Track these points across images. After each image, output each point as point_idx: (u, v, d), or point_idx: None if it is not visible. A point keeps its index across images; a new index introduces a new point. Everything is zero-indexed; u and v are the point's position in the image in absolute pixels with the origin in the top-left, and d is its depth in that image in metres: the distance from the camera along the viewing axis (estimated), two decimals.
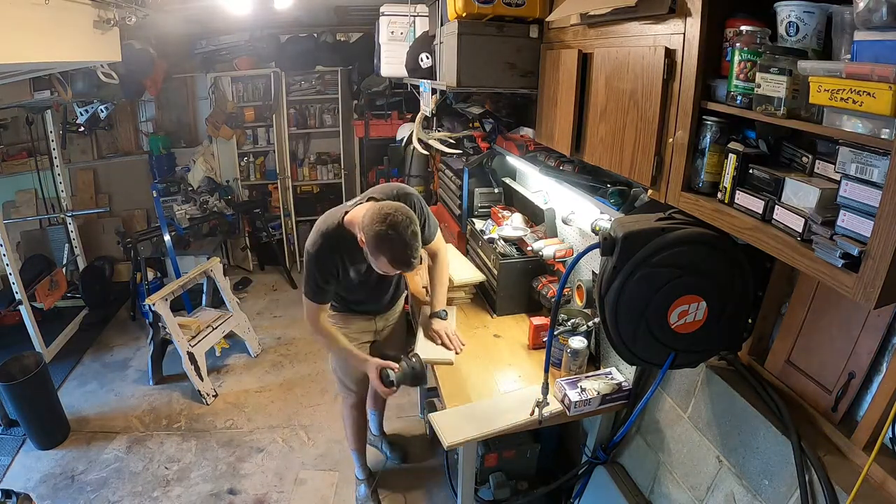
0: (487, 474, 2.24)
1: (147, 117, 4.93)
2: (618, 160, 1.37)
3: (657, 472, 1.76)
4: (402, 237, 1.59)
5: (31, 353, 2.90)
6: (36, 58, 2.35)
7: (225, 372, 3.51)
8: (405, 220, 1.60)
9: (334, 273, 1.82)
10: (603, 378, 1.79)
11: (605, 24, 1.40)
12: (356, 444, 2.43)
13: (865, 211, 0.78)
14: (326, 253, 1.78)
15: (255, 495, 2.54)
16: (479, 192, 2.83)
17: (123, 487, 2.58)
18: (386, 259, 1.64)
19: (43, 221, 4.44)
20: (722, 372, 1.47)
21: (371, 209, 1.64)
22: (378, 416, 2.74)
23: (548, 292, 2.17)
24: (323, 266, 1.79)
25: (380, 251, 1.62)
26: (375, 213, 1.61)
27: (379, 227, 1.58)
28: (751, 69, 0.94)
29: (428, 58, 2.34)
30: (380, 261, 1.66)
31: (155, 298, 3.05)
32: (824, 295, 1.24)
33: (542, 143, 1.90)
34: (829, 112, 0.82)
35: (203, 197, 4.41)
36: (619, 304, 1.19)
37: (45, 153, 4.18)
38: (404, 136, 3.61)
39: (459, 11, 1.73)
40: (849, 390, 1.19)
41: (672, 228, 1.16)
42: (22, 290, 3.36)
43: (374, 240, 1.60)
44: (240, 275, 4.88)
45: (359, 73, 4.48)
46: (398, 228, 1.58)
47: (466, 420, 1.70)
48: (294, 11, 3.46)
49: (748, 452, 1.36)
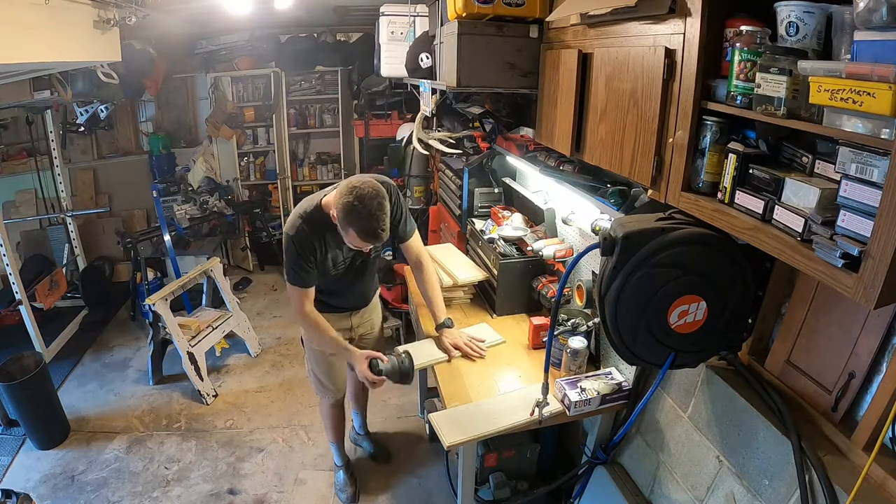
0: (487, 474, 2.24)
1: (147, 117, 4.93)
2: (618, 160, 1.37)
3: (657, 472, 1.76)
4: (368, 207, 1.63)
5: (31, 353, 2.90)
6: (36, 58, 2.35)
7: (225, 372, 3.51)
8: (371, 191, 1.65)
9: (313, 255, 1.83)
10: (603, 378, 1.79)
11: (605, 24, 1.40)
12: (334, 437, 2.48)
13: (865, 211, 0.78)
14: (305, 234, 1.81)
15: (255, 495, 2.54)
16: (479, 192, 2.83)
17: (123, 487, 2.58)
18: (354, 231, 1.67)
19: (43, 221, 4.43)
20: (722, 372, 1.47)
21: (342, 185, 1.70)
22: (361, 415, 2.75)
23: (548, 292, 2.17)
24: (302, 247, 1.81)
25: (347, 223, 1.67)
26: (344, 187, 1.68)
27: (346, 199, 1.64)
28: (751, 69, 0.94)
29: (428, 58, 2.34)
30: (349, 234, 1.70)
31: (155, 298, 3.05)
32: (824, 295, 1.24)
33: (542, 143, 1.90)
34: (829, 112, 0.82)
35: (203, 197, 4.41)
36: (619, 304, 1.19)
37: (45, 153, 4.18)
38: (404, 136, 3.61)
39: (459, 11, 1.73)
40: (849, 390, 1.19)
41: (672, 228, 1.16)
42: (22, 290, 3.36)
43: (342, 211, 1.65)
44: (240, 275, 4.89)
45: (359, 73, 4.48)
46: (364, 199, 1.63)
47: (466, 420, 1.70)
48: (294, 11, 3.46)
49: (748, 452, 1.36)
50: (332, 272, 1.94)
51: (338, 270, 1.96)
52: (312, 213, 1.83)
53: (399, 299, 3.70)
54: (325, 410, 2.37)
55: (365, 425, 2.78)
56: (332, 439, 2.49)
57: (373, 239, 1.70)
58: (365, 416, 2.76)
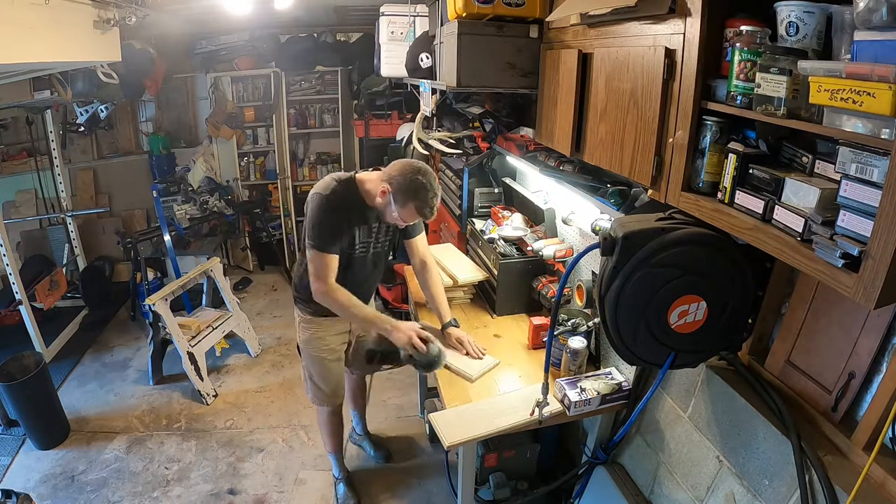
0: (487, 474, 2.24)
1: (147, 117, 4.93)
2: (618, 160, 1.37)
3: (657, 472, 1.76)
4: (432, 185, 1.77)
5: (31, 353, 2.90)
6: (36, 58, 2.35)
7: (225, 372, 3.51)
8: (430, 171, 1.79)
9: (343, 221, 1.82)
10: (603, 378, 1.79)
11: (605, 24, 1.40)
12: (333, 447, 2.43)
13: (865, 211, 0.78)
14: (340, 195, 1.81)
15: (255, 495, 2.54)
16: (479, 192, 2.83)
17: (123, 487, 2.58)
18: (415, 205, 1.77)
19: (43, 221, 4.43)
20: (722, 372, 1.47)
21: (398, 164, 1.81)
22: (360, 416, 2.74)
23: (548, 292, 2.17)
24: (336, 207, 1.80)
25: (409, 196, 1.76)
26: (405, 165, 1.79)
27: (411, 175, 1.75)
28: (751, 69, 0.94)
29: (428, 58, 2.34)
30: (406, 207, 1.78)
31: (155, 298, 3.05)
32: (824, 295, 1.24)
33: (542, 143, 1.90)
34: (829, 112, 0.82)
35: (203, 197, 4.41)
36: (619, 304, 1.19)
37: (45, 153, 4.17)
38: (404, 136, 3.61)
39: (459, 11, 1.73)
40: (849, 390, 1.19)
41: (672, 228, 1.16)
42: (22, 290, 3.36)
43: (406, 184, 1.75)
44: (240, 275, 4.88)
45: (359, 73, 4.48)
46: (428, 177, 1.76)
47: (466, 420, 1.70)
48: (294, 11, 3.46)
49: (748, 452, 1.36)
50: (350, 253, 1.90)
51: (353, 251, 1.91)
52: (347, 182, 1.85)
53: (399, 299, 3.70)
54: (323, 418, 2.32)
55: (364, 426, 2.78)
56: (331, 449, 2.44)
57: (430, 213, 1.79)
58: (364, 416, 2.76)
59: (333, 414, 2.31)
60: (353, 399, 2.62)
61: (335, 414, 2.32)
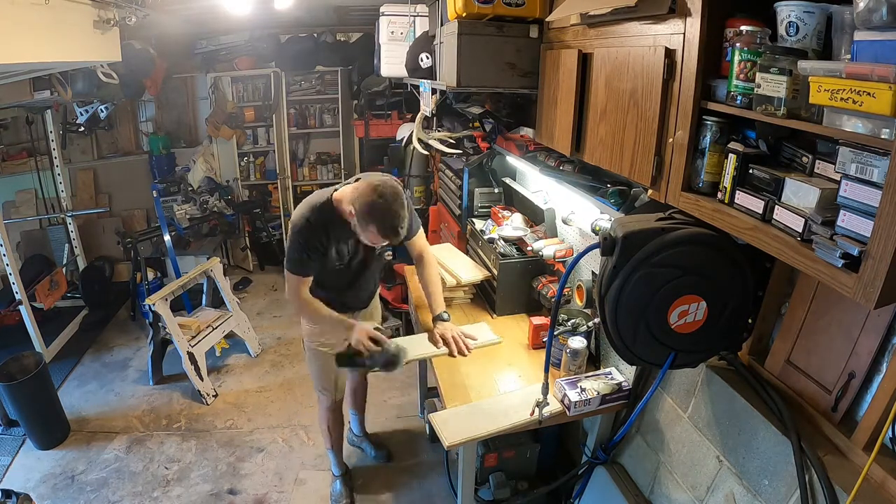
0: (487, 474, 2.24)
1: (147, 117, 4.93)
2: (618, 160, 1.37)
3: (657, 472, 1.76)
4: (390, 206, 1.70)
5: (31, 353, 2.90)
6: (36, 58, 2.35)
7: (225, 372, 3.51)
8: (392, 190, 1.73)
9: (318, 246, 1.86)
10: (603, 378, 1.79)
11: (605, 24, 1.40)
12: (332, 444, 2.45)
13: (865, 211, 0.78)
14: (314, 225, 1.84)
15: (255, 495, 2.54)
16: (479, 192, 2.83)
17: (123, 487, 2.58)
18: (374, 228, 1.72)
19: (43, 221, 4.43)
20: (722, 372, 1.47)
21: (360, 183, 1.77)
22: (359, 417, 2.74)
23: (548, 292, 2.17)
24: (309, 237, 1.84)
25: (368, 220, 1.72)
26: (365, 185, 1.74)
27: (369, 197, 1.70)
28: (751, 69, 0.94)
29: (428, 58, 2.34)
30: (368, 230, 1.75)
31: (155, 298, 3.05)
32: (824, 295, 1.24)
33: (542, 143, 1.90)
34: (829, 112, 0.82)
35: (203, 197, 4.41)
36: (619, 304, 1.19)
37: (45, 153, 4.18)
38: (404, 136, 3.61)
39: (459, 11, 1.73)
40: (849, 390, 1.19)
41: (672, 228, 1.16)
42: (22, 290, 3.36)
43: (364, 208, 1.71)
44: (240, 275, 4.89)
45: (359, 73, 4.48)
46: (386, 197, 1.70)
47: (466, 420, 1.70)
48: (294, 11, 3.46)
49: (748, 452, 1.36)
50: (337, 264, 1.95)
51: (341, 264, 1.97)
52: (322, 207, 1.86)
53: (399, 299, 3.70)
54: (322, 413, 2.35)
55: (363, 427, 2.78)
56: (329, 445, 2.46)
57: (393, 236, 1.76)
58: (363, 417, 2.76)
59: (332, 410, 2.34)
60: (352, 397, 2.62)
61: (334, 410, 2.34)
